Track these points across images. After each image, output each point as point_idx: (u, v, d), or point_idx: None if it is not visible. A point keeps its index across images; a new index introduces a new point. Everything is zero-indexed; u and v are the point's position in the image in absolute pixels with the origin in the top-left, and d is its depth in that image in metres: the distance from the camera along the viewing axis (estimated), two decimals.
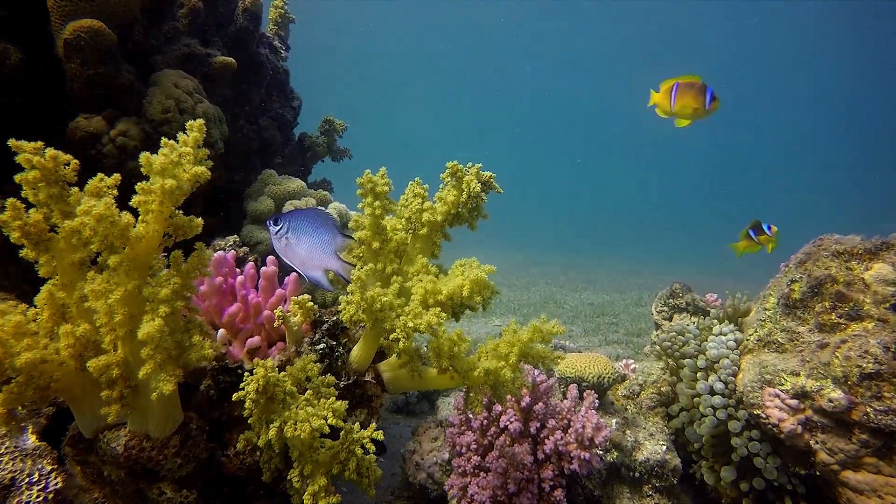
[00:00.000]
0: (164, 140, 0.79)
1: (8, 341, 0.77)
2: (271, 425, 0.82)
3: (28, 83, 1.39)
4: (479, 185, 1.02)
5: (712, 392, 1.42)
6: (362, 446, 0.87)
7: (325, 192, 2.10)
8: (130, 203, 0.77)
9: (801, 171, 35.14)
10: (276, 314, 0.97)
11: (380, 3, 27.06)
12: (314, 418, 0.81)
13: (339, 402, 0.86)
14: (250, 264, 1.12)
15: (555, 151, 44.26)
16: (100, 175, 0.80)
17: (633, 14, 27.04)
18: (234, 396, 0.83)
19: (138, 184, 0.76)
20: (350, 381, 1.00)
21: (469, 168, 1.04)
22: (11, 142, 0.74)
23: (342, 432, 0.87)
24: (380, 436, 0.89)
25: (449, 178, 1.05)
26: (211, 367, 0.96)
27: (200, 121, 0.81)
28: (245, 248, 1.50)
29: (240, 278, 1.07)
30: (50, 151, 0.76)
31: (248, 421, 0.84)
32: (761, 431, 1.34)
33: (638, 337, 3.65)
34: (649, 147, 37.89)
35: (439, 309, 0.92)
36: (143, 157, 0.77)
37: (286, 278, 1.12)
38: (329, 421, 0.82)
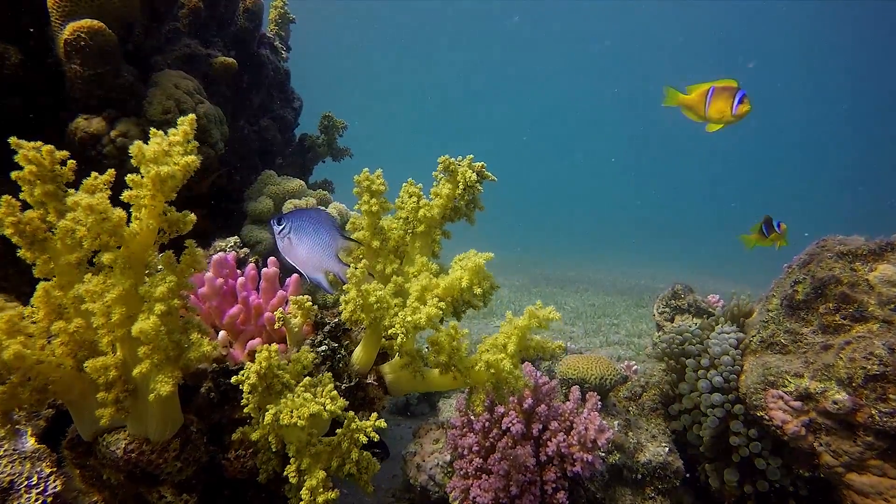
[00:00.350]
0: (153, 131, 0.77)
1: None
2: (267, 412, 0.80)
3: (28, 84, 1.38)
4: (475, 174, 1.01)
5: (712, 389, 1.41)
6: (365, 434, 0.86)
7: (325, 192, 2.10)
8: (121, 198, 0.75)
9: (805, 171, 35.10)
10: (277, 316, 0.96)
11: (383, 3, 27.02)
12: (312, 403, 0.80)
13: (336, 392, 0.85)
14: (251, 265, 1.11)
15: (556, 152, 44.32)
16: (94, 174, 0.79)
17: (634, 14, 27.03)
18: (233, 379, 0.82)
19: (128, 176, 0.74)
20: (352, 384, 1.00)
21: (460, 160, 1.04)
22: (12, 140, 0.74)
23: (344, 422, 0.86)
24: (382, 424, 0.87)
25: (442, 174, 1.04)
26: (211, 369, 0.95)
27: (192, 115, 0.80)
28: (245, 249, 1.50)
29: (241, 280, 1.07)
30: (46, 147, 0.75)
31: (245, 410, 0.83)
32: (761, 429, 1.34)
33: (639, 338, 3.63)
34: (651, 147, 37.92)
35: (437, 299, 0.91)
36: (136, 146, 0.75)
37: (287, 279, 1.11)
38: (327, 407, 0.81)
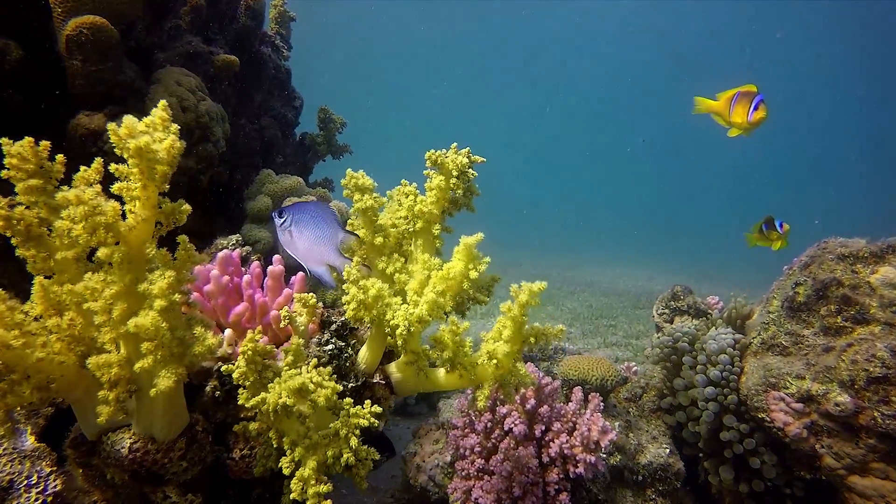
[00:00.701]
0: (126, 116, 0.75)
1: None
2: (254, 398, 0.79)
3: (29, 80, 1.37)
4: (465, 158, 1.01)
5: (708, 383, 1.42)
6: (364, 419, 0.84)
7: (325, 191, 2.10)
8: (112, 189, 0.73)
9: (806, 173, 35.10)
10: (282, 314, 0.95)
11: (384, 1, 26.90)
12: (297, 377, 0.79)
13: (326, 369, 0.84)
14: (256, 263, 1.11)
15: (556, 152, 44.37)
16: (83, 167, 0.78)
17: (639, 15, 26.98)
18: (224, 369, 0.81)
19: (112, 165, 0.72)
20: (359, 384, 0.99)
21: (446, 152, 1.03)
22: (3, 140, 0.73)
23: (342, 411, 0.85)
24: (378, 409, 0.86)
25: (432, 169, 1.04)
26: (217, 367, 0.94)
27: (163, 101, 0.78)
28: (248, 248, 1.49)
29: (246, 277, 1.06)
30: (26, 140, 0.73)
31: (239, 402, 0.82)
32: (755, 425, 1.34)
33: (637, 339, 3.65)
34: (651, 149, 37.95)
35: (435, 286, 0.91)
36: (110, 126, 0.72)
37: (293, 278, 1.11)
38: (314, 380, 0.80)
